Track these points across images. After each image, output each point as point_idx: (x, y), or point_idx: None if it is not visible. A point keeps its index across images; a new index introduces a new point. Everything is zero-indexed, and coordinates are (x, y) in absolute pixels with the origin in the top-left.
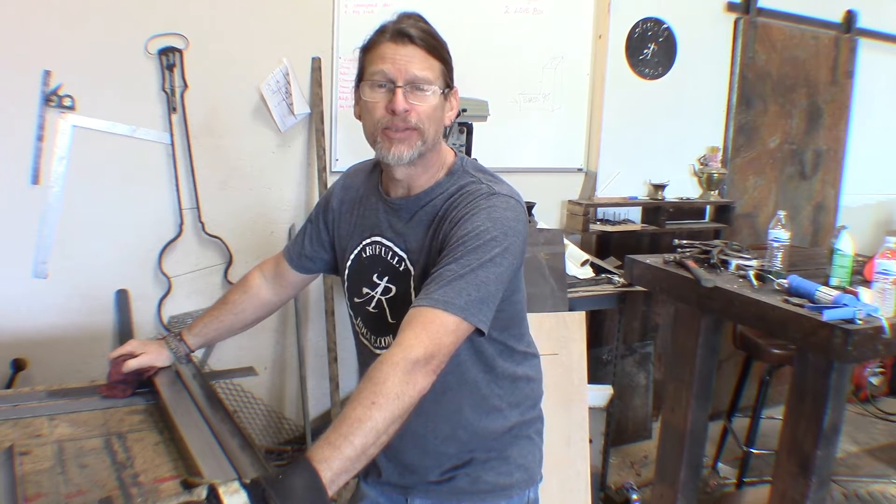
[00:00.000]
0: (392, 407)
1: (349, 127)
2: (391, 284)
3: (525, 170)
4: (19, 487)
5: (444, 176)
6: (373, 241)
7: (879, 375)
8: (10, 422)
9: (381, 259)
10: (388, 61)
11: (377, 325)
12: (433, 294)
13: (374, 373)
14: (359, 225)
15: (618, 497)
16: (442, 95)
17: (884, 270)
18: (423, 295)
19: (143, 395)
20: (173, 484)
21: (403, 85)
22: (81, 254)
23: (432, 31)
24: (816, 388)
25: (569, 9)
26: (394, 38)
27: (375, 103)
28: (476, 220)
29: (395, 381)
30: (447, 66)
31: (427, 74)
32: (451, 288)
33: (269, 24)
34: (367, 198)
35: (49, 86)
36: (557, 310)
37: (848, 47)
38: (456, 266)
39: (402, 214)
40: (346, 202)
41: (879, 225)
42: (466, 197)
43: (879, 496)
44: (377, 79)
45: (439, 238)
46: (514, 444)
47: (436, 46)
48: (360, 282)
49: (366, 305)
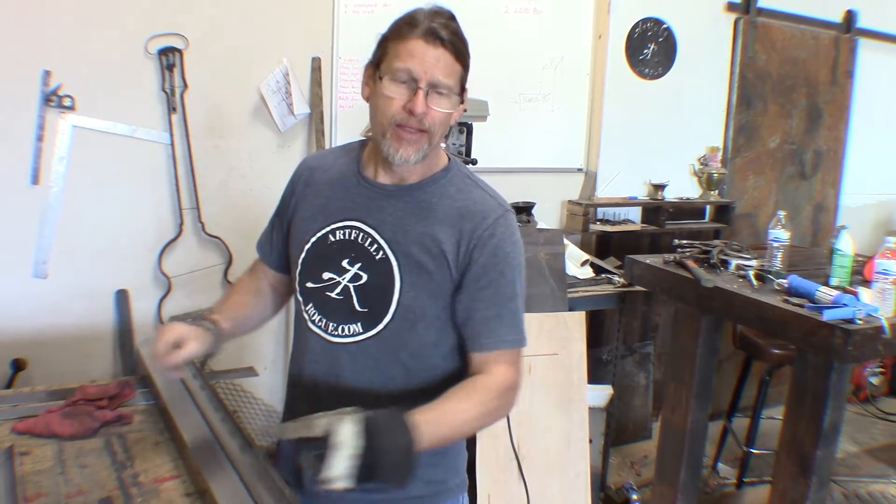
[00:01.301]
0: (483, 428)
1: (349, 127)
2: (363, 272)
3: (525, 170)
4: (19, 487)
5: (440, 171)
6: (347, 226)
7: (879, 375)
8: (11, 422)
9: (354, 244)
10: (416, 60)
11: (339, 313)
12: (505, 337)
13: (492, 393)
14: (327, 207)
15: (618, 497)
16: (456, 105)
17: (884, 270)
18: (495, 337)
19: (143, 395)
20: (173, 484)
21: (426, 87)
22: (81, 254)
23: (461, 33)
24: (816, 388)
25: (569, 9)
26: (426, 36)
27: (393, 99)
28: (506, 247)
29: (503, 412)
30: (466, 70)
31: (450, 81)
32: (514, 324)
33: (269, 24)
34: (342, 180)
35: (49, 86)
36: (557, 310)
37: (848, 47)
38: (508, 301)
39: (393, 201)
40: (314, 184)
41: (879, 225)
42: (484, 215)
43: (879, 496)
44: (401, 76)
45: (458, 249)
46: (446, 451)
47: (462, 52)
48: (320, 266)
49: (326, 291)
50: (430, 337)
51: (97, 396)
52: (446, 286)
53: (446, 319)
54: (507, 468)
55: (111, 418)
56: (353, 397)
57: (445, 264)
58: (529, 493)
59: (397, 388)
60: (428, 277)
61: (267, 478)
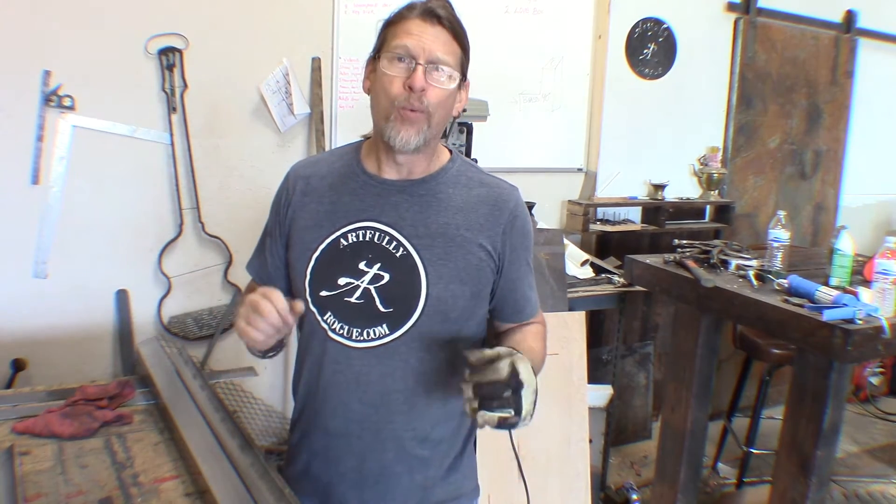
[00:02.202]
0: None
1: (349, 127)
2: (384, 272)
3: (525, 170)
4: (19, 487)
5: (448, 162)
6: (360, 227)
7: (879, 375)
8: (10, 422)
9: (371, 245)
10: (413, 37)
11: (361, 317)
12: (536, 303)
13: (544, 338)
14: (334, 211)
15: (618, 497)
16: (457, 84)
17: (884, 270)
18: (532, 305)
19: (143, 395)
20: (173, 484)
21: (424, 64)
22: (81, 254)
23: (458, 17)
24: (816, 388)
25: (569, 9)
26: (423, 15)
27: (393, 77)
28: (527, 224)
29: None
30: (466, 55)
31: (449, 58)
32: (534, 287)
33: (269, 24)
34: (345, 182)
35: (49, 86)
36: (557, 310)
37: (848, 47)
38: (531, 270)
39: (406, 196)
40: (312, 191)
41: (879, 225)
42: (505, 199)
43: (879, 496)
44: (399, 52)
45: (493, 237)
46: (465, 453)
47: (460, 33)
48: (334, 272)
49: (344, 297)
50: (459, 324)
51: (97, 396)
52: (472, 272)
53: (475, 304)
54: (507, 468)
55: (111, 418)
56: (383, 400)
57: (473, 251)
58: (529, 493)
59: (428, 382)
60: (454, 266)
61: (267, 478)
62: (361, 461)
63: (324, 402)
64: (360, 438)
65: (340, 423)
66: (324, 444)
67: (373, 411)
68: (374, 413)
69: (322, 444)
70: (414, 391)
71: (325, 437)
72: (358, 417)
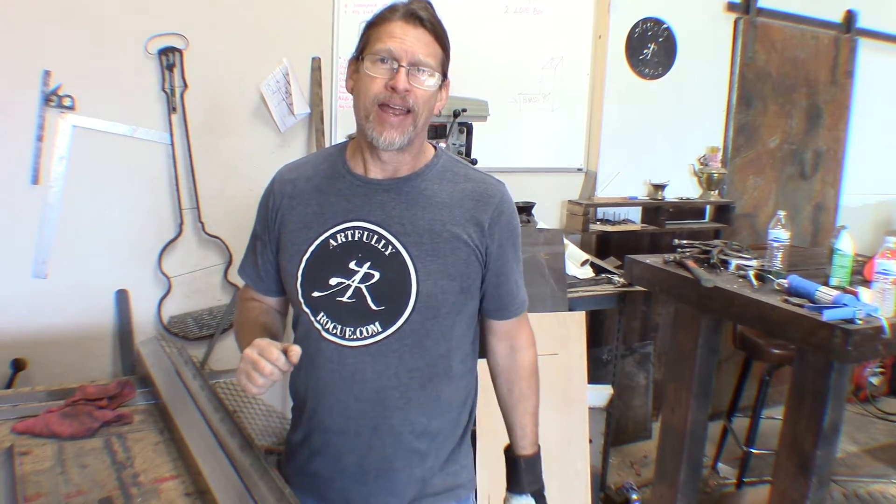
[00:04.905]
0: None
1: (349, 127)
2: (374, 270)
3: (525, 170)
4: (19, 487)
5: (433, 159)
6: (349, 227)
7: (879, 375)
8: (10, 422)
9: (360, 244)
10: (396, 39)
11: (353, 316)
12: (524, 298)
13: (535, 373)
14: (321, 213)
15: (618, 497)
16: (438, 84)
17: (884, 270)
18: (519, 301)
19: (143, 395)
20: (173, 484)
21: (407, 66)
22: (81, 254)
23: (440, 20)
24: (816, 388)
25: (569, 9)
26: (405, 17)
27: (375, 78)
28: (513, 220)
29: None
30: (447, 55)
31: (430, 60)
32: (522, 284)
33: (269, 24)
34: (331, 183)
35: (49, 86)
36: (557, 310)
37: (848, 47)
38: (518, 266)
39: (393, 194)
40: (299, 194)
41: (879, 225)
42: (490, 194)
43: (879, 496)
44: (382, 55)
45: (479, 232)
46: (462, 445)
47: (441, 34)
48: (325, 273)
49: (336, 297)
50: (450, 319)
51: (97, 396)
52: (461, 267)
53: (464, 299)
54: None
55: (111, 418)
56: (379, 397)
57: (460, 246)
58: None
59: (422, 378)
60: (442, 262)
61: (267, 477)
62: (362, 456)
63: (321, 401)
64: (358, 435)
65: (338, 420)
66: (323, 442)
67: (370, 408)
68: (371, 410)
69: (322, 442)
70: (409, 387)
71: (324, 434)
72: (355, 415)
